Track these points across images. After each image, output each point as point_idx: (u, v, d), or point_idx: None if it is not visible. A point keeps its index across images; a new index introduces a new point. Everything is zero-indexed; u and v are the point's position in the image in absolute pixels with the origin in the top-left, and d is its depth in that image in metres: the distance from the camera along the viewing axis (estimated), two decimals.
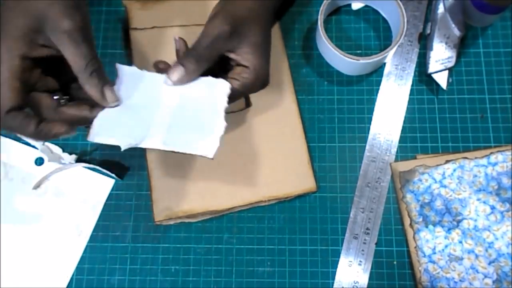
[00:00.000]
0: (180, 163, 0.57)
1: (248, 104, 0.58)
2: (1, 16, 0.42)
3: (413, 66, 0.60)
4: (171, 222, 0.56)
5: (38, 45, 0.42)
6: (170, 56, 0.57)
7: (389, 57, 0.60)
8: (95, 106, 0.45)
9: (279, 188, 0.56)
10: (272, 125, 0.58)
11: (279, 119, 0.58)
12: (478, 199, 0.55)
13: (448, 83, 0.58)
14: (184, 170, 0.57)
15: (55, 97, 0.44)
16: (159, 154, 0.57)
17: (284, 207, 0.57)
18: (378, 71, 0.60)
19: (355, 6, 0.62)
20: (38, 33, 0.42)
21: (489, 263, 0.53)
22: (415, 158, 0.57)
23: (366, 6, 0.62)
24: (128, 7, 0.62)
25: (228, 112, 0.52)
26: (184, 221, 0.56)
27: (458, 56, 0.59)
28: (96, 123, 0.44)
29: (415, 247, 0.54)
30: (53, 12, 0.41)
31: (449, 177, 0.56)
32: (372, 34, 0.62)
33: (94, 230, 0.56)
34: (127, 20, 0.62)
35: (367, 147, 0.58)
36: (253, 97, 0.59)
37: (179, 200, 0.56)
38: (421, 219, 0.55)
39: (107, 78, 0.45)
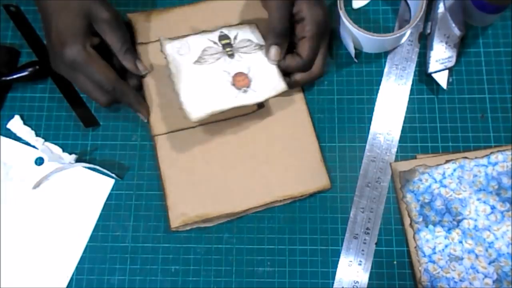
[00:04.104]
0: (193, 167, 0.57)
1: (260, 105, 0.58)
2: (51, 17, 0.54)
3: (413, 65, 0.60)
4: (187, 228, 0.56)
5: (93, 35, 0.55)
6: None
7: (406, 36, 0.60)
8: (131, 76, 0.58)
9: (294, 187, 0.56)
10: (283, 125, 0.58)
11: (289, 118, 0.58)
12: (478, 199, 0.55)
13: (448, 83, 0.58)
14: (198, 175, 0.57)
15: None
16: (172, 160, 0.57)
17: (284, 207, 0.57)
18: (378, 71, 0.60)
19: (356, 4, 0.62)
20: (90, 26, 0.54)
21: (489, 263, 0.53)
22: (415, 158, 0.57)
23: None
24: (133, 21, 0.62)
25: (240, 115, 0.58)
26: (200, 226, 0.56)
27: (458, 55, 0.59)
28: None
29: (415, 247, 0.54)
30: (96, 7, 0.54)
31: (449, 177, 0.56)
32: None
33: (94, 230, 0.56)
34: (132, 33, 0.62)
35: (367, 147, 0.58)
36: None
37: (194, 205, 0.56)
38: (421, 219, 0.55)
39: (137, 54, 0.59)
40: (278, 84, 0.54)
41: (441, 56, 0.58)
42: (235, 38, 0.56)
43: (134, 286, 0.55)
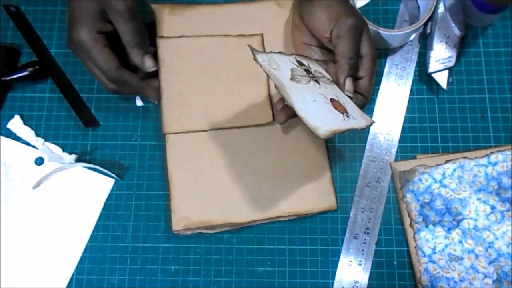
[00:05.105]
0: (201, 171, 0.56)
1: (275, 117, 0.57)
2: (72, 5, 0.54)
3: (413, 65, 0.60)
4: (189, 232, 0.56)
5: (105, 22, 0.55)
6: (195, 65, 0.58)
7: (413, 37, 0.60)
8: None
9: (300, 205, 0.55)
10: (296, 140, 0.57)
11: (303, 135, 0.57)
12: (478, 199, 0.55)
13: (448, 83, 0.58)
14: (205, 180, 0.56)
15: None
16: (180, 161, 0.57)
17: None
18: (378, 71, 0.60)
19: (356, 4, 0.62)
20: (104, 12, 0.54)
21: (489, 263, 0.53)
22: (415, 157, 0.57)
23: None
24: (156, 12, 0.61)
25: (253, 125, 0.57)
26: (202, 231, 0.56)
27: (458, 55, 0.59)
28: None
29: (415, 247, 0.54)
30: None
31: (449, 177, 0.56)
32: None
33: (94, 230, 0.56)
34: (154, 24, 0.61)
35: (367, 147, 0.58)
36: None
37: (198, 211, 0.55)
38: (421, 219, 0.55)
39: (150, 49, 0.57)
40: (365, 116, 0.52)
41: (441, 56, 0.58)
42: (309, 67, 0.54)
43: (134, 286, 0.55)
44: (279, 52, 0.52)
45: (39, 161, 0.59)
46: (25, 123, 0.60)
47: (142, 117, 0.60)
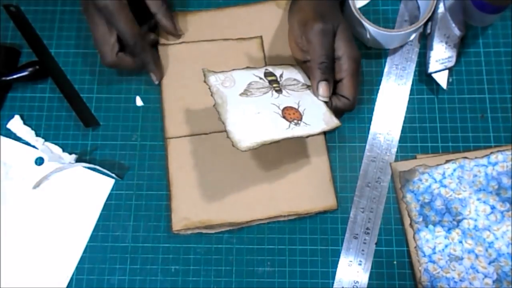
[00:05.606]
0: (201, 173, 0.57)
1: None
2: None
3: (413, 65, 0.60)
4: (189, 232, 0.56)
5: None
6: (196, 71, 0.58)
7: (413, 37, 0.61)
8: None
9: (300, 204, 0.55)
10: (296, 141, 0.57)
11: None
12: (478, 199, 0.55)
13: (448, 83, 0.58)
14: (205, 181, 0.56)
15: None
16: (181, 163, 0.57)
17: None
18: (378, 71, 0.60)
19: (356, 4, 0.62)
20: None
21: (489, 263, 0.53)
22: (415, 158, 0.57)
23: None
24: None
25: None
26: (202, 231, 0.56)
27: (458, 55, 0.59)
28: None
29: (415, 247, 0.54)
30: None
31: (449, 177, 0.56)
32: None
33: (94, 230, 0.56)
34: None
35: (367, 147, 0.58)
36: None
37: (198, 211, 0.55)
38: (421, 219, 0.55)
39: (158, 54, 0.60)
40: (330, 119, 0.53)
41: (441, 56, 0.58)
42: (281, 76, 0.55)
43: (134, 286, 0.55)
44: (247, 67, 0.55)
45: (39, 161, 0.59)
46: (25, 123, 0.60)
47: (142, 117, 0.60)
